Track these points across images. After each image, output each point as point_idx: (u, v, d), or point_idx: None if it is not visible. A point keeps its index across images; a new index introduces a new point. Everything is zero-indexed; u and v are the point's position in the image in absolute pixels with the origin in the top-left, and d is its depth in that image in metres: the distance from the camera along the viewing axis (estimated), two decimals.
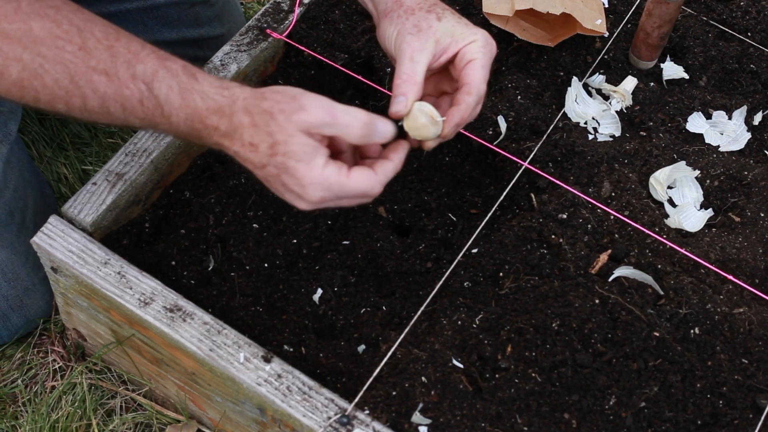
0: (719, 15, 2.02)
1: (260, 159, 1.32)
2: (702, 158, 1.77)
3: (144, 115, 1.34)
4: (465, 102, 1.44)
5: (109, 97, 1.32)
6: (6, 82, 1.28)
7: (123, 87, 1.32)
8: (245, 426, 1.62)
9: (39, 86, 1.29)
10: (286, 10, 1.93)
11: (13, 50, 1.27)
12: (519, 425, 1.46)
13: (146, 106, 1.33)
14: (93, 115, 1.34)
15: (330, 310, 1.62)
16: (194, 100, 1.33)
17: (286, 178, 1.32)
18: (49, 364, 1.90)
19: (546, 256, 1.62)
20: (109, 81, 1.31)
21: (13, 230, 1.81)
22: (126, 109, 1.33)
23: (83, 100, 1.31)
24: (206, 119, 1.33)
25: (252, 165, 1.34)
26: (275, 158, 1.31)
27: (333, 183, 1.32)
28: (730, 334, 1.55)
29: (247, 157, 1.33)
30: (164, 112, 1.33)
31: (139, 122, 1.35)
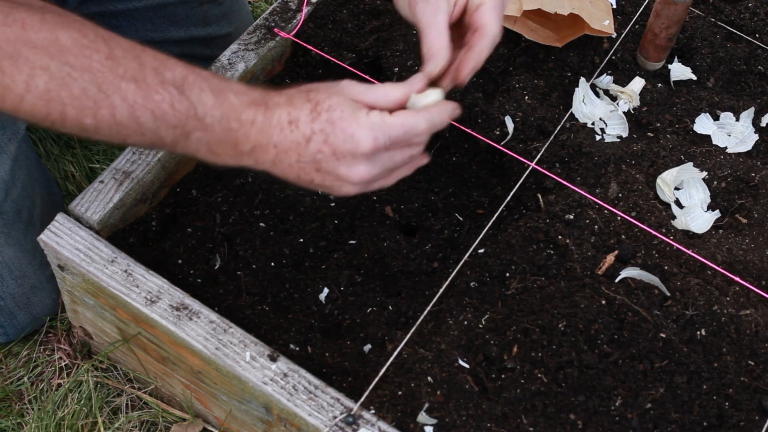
0: (727, 16, 2.01)
1: (302, 132, 1.30)
2: (709, 159, 1.77)
3: (176, 121, 1.29)
4: (479, 46, 1.43)
5: (138, 104, 1.28)
6: (33, 95, 1.25)
7: (152, 92, 1.28)
8: (251, 425, 1.62)
9: (66, 97, 1.26)
10: (294, 9, 1.93)
11: (40, 59, 1.24)
12: (525, 425, 1.46)
13: (178, 109, 1.29)
14: (122, 129, 1.29)
15: (336, 309, 1.62)
16: (228, 97, 1.32)
17: (334, 138, 1.29)
18: (56, 361, 1.90)
19: (552, 257, 1.62)
20: (138, 88, 1.28)
21: (20, 228, 1.81)
22: (157, 116, 1.29)
23: (112, 110, 1.27)
24: (242, 114, 1.31)
25: (295, 151, 1.31)
26: (318, 120, 1.29)
27: (380, 123, 1.30)
28: (737, 335, 1.54)
29: (288, 141, 1.30)
30: (198, 113, 1.30)
31: (172, 132, 1.30)
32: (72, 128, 1.29)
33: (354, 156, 1.30)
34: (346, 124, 1.29)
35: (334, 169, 1.31)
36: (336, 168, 1.31)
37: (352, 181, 1.33)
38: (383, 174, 1.36)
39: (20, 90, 1.24)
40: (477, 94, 1.83)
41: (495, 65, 1.88)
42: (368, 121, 1.30)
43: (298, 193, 1.72)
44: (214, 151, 1.33)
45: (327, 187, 1.34)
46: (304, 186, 1.36)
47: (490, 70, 1.88)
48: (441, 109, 1.39)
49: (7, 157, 1.79)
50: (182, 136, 1.31)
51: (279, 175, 1.34)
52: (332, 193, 1.36)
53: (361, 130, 1.29)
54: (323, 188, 1.35)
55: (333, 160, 1.30)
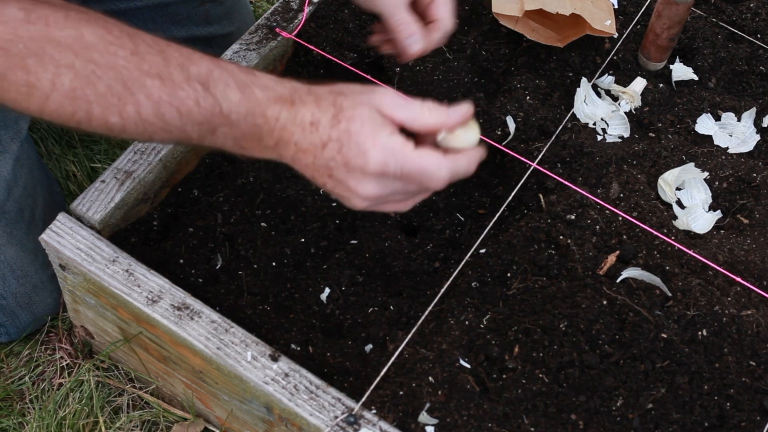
0: (729, 16, 2.01)
1: (321, 136, 1.28)
2: (711, 160, 1.77)
3: (202, 118, 1.28)
4: (432, 38, 1.54)
5: (164, 101, 1.26)
6: (58, 94, 1.23)
7: (178, 89, 1.27)
8: (252, 425, 1.62)
9: (92, 95, 1.24)
10: (296, 9, 1.93)
11: (65, 57, 1.23)
12: (526, 426, 1.46)
13: (203, 106, 1.27)
14: (148, 127, 1.27)
15: (337, 309, 1.62)
16: (254, 93, 1.30)
17: (347, 150, 1.27)
18: (57, 361, 1.90)
19: (554, 257, 1.62)
20: (163, 84, 1.26)
21: (22, 227, 1.81)
22: (182, 113, 1.27)
23: (137, 107, 1.26)
24: (268, 110, 1.29)
25: (312, 153, 1.29)
26: (337, 127, 1.27)
27: (397, 150, 1.26)
28: (738, 336, 1.54)
29: (307, 142, 1.29)
30: (223, 110, 1.28)
31: (197, 128, 1.29)
32: (98, 127, 1.27)
33: (363, 172, 1.27)
34: (363, 139, 1.26)
35: (344, 179, 1.29)
36: (346, 179, 1.29)
37: (361, 196, 1.30)
38: (394, 198, 1.33)
39: (46, 89, 1.23)
40: (478, 94, 1.83)
41: (497, 65, 1.88)
42: (386, 143, 1.27)
43: (300, 192, 1.72)
44: (240, 144, 1.32)
45: (338, 195, 1.32)
46: (321, 188, 1.34)
47: (491, 70, 1.88)
48: (469, 157, 1.35)
49: (10, 156, 1.79)
50: (208, 132, 1.30)
51: (300, 172, 1.32)
52: (343, 202, 1.33)
53: (375, 149, 1.26)
54: (335, 195, 1.33)
55: (344, 170, 1.28)
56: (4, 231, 1.78)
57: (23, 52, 1.21)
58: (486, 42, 1.92)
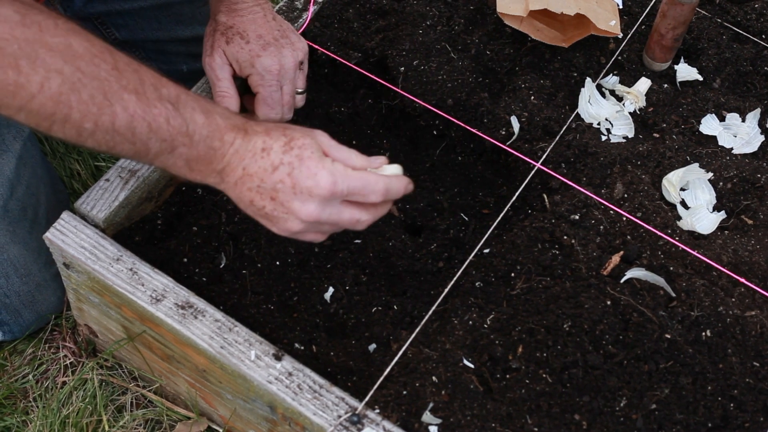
0: (734, 17, 2.01)
1: (272, 160, 1.39)
2: (715, 160, 1.77)
3: (168, 135, 1.35)
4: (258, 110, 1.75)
5: (138, 116, 1.33)
6: (44, 96, 1.27)
7: (151, 106, 1.34)
8: (255, 424, 1.62)
9: (75, 101, 1.29)
10: (300, 9, 1.93)
11: (55, 62, 1.27)
12: (529, 426, 1.46)
13: (172, 125, 1.35)
14: (116, 137, 1.33)
15: (341, 308, 1.62)
16: (215, 118, 1.39)
17: (298, 173, 1.38)
18: (60, 359, 1.91)
19: (558, 257, 1.62)
20: (139, 100, 1.33)
21: (25, 226, 1.82)
22: (152, 129, 1.34)
23: (113, 118, 1.31)
24: (225, 135, 1.39)
25: (259, 177, 1.39)
26: (289, 153, 1.39)
27: (342, 171, 1.40)
28: (742, 336, 1.54)
29: (257, 166, 1.39)
30: (188, 130, 1.37)
31: (159, 145, 1.36)
32: (68, 131, 1.31)
33: (311, 194, 1.39)
34: (313, 164, 1.39)
35: (287, 201, 1.39)
36: (290, 201, 1.39)
37: (300, 217, 1.40)
38: (326, 224, 1.44)
39: (33, 90, 1.26)
40: (483, 94, 1.83)
41: (501, 65, 1.88)
42: (332, 167, 1.40)
43: None
44: (190, 166, 1.40)
45: (272, 218, 1.42)
46: (250, 213, 1.44)
47: (496, 70, 1.88)
48: (398, 180, 1.48)
49: (12, 155, 1.80)
50: (168, 150, 1.37)
51: (233, 197, 1.43)
52: (273, 225, 1.43)
53: (325, 172, 1.39)
54: (268, 218, 1.43)
55: (291, 192, 1.39)
56: (7, 229, 1.79)
57: (17, 52, 1.24)
58: (490, 42, 1.92)
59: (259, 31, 1.73)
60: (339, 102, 1.88)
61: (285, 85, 1.74)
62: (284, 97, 1.75)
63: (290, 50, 1.74)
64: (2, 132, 1.80)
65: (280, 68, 1.73)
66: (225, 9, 1.74)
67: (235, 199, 1.44)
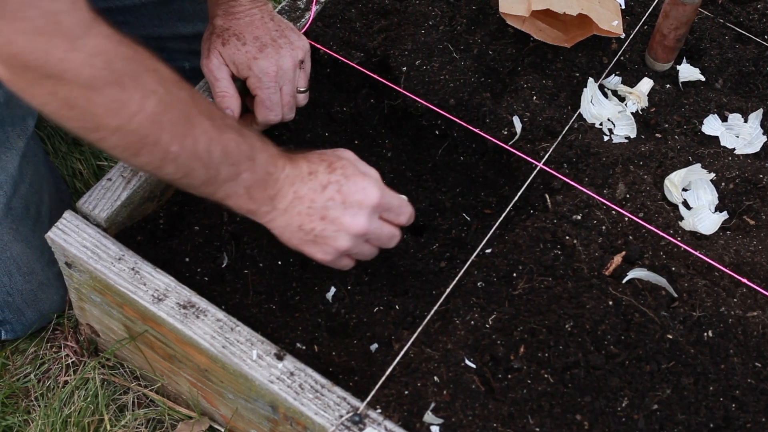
0: (736, 17, 2.01)
1: (320, 181, 1.48)
2: (717, 161, 1.77)
3: (236, 160, 1.43)
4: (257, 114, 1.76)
5: (214, 140, 1.39)
6: (142, 115, 1.31)
7: (223, 131, 1.41)
8: (257, 423, 1.62)
9: (167, 122, 1.33)
10: (303, 8, 1.93)
11: (152, 83, 1.31)
12: (531, 426, 1.46)
13: (240, 149, 1.43)
14: (194, 162, 1.39)
15: (343, 308, 1.62)
16: (268, 145, 1.48)
17: (347, 188, 1.48)
18: (62, 359, 1.91)
19: (560, 257, 1.62)
20: (213, 125, 1.39)
21: (28, 224, 1.82)
22: (225, 153, 1.41)
23: (195, 141, 1.37)
24: (278, 161, 1.47)
25: (309, 198, 1.48)
26: (334, 173, 1.49)
27: (382, 185, 1.52)
28: (744, 337, 1.54)
29: (306, 188, 1.48)
30: (252, 154, 1.44)
31: (228, 170, 1.42)
32: (154, 155, 1.36)
33: (360, 206, 1.49)
34: (359, 179, 1.49)
35: (338, 217, 1.48)
36: (341, 216, 1.48)
37: (351, 231, 1.49)
38: (371, 236, 1.53)
39: (134, 108, 1.30)
40: (485, 94, 1.83)
41: (503, 65, 1.88)
42: (376, 182, 1.52)
43: None
44: (250, 193, 1.47)
45: (321, 239, 1.50)
46: (295, 241, 1.52)
47: (498, 70, 1.88)
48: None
49: (16, 153, 1.80)
50: (234, 175, 1.44)
51: (280, 226, 1.51)
52: (321, 247, 1.51)
53: (372, 185, 1.50)
54: (316, 241, 1.50)
55: (341, 208, 1.48)
56: (10, 228, 1.79)
57: (122, 69, 1.28)
58: (493, 42, 1.92)
59: (255, 32, 1.73)
60: (341, 102, 1.88)
61: (284, 85, 1.74)
62: (284, 98, 1.75)
63: (289, 50, 1.74)
64: (6, 130, 1.80)
65: (278, 69, 1.73)
66: (222, 12, 1.74)
67: (282, 228, 1.50)
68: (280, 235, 1.52)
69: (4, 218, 1.78)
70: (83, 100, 1.28)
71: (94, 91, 1.27)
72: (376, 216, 1.51)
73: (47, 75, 1.25)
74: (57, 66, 1.24)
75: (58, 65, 1.24)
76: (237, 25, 1.73)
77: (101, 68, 1.27)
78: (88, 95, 1.27)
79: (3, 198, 1.78)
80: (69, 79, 1.25)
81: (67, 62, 1.24)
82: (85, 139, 1.36)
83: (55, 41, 1.23)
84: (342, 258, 1.54)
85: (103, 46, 1.27)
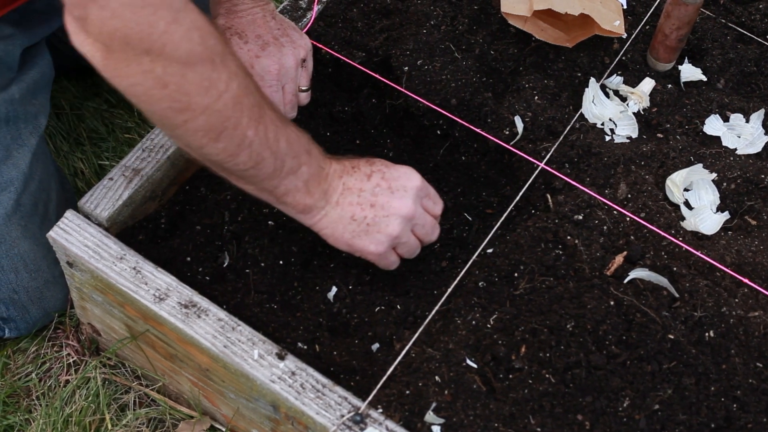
0: (738, 17, 2.01)
1: (363, 172, 1.54)
2: (719, 161, 1.77)
3: (297, 152, 1.46)
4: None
5: (280, 129, 1.43)
6: (228, 95, 1.34)
7: (285, 123, 1.45)
8: (258, 423, 1.62)
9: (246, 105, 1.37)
10: (304, 8, 1.93)
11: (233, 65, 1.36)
12: (532, 426, 1.46)
13: (300, 142, 1.48)
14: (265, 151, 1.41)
15: (344, 308, 1.62)
16: (315, 144, 1.52)
17: (389, 174, 1.54)
18: (64, 358, 1.91)
19: (561, 257, 1.62)
20: (277, 116, 1.43)
21: (36, 221, 1.82)
22: (289, 142, 1.45)
23: (266, 127, 1.40)
24: (326, 158, 1.52)
25: (358, 188, 1.53)
26: (375, 165, 1.55)
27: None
28: (745, 337, 1.54)
29: (353, 179, 1.53)
30: (309, 148, 1.49)
31: (291, 161, 1.45)
32: (236, 138, 1.38)
33: (405, 189, 1.54)
34: (398, 166, 1.56)
35: (387, 201, 1.53)
36: (389, 200, 1.53)
37: (401, 213, 1.53)
38: (417, 223, 1.57)
39: (221, 88, 1.33)
40: (487, 94, 1.83)
41: (505, 65, 1.88)
42: (413, 168, 1.58)
43: None
44: (308, 186, 1.50)
45: (373, 226, 1.53)
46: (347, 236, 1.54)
47: (500, 70, 1.88)
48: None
49: (28, 150, 1.81)
50: (295, 167, 1.47)
51: (331, 221, 1.53)
52: (373, 235, 1.54)
53: (411, 170, 1.57)
54: (368, 230, 1.54)
55: (388, 192, 1.53)
56: (19, 224, 1.79)
57: (214, 47, 1.32)
58: (494, 41, 1.92)
59: (258, 31, 1.73)
60: (343, 101, 1.88)
61: (286, 84, 1.74)
62: (286, 97, 1.75)
63: (291, 48, 1.74)
64: (20, 127, 1.80)
65: (280, 68, 1.73)
66: (224, 11, 1.74)
67: (335, 223, 1.53)
68: (332, 233, 1.54)
69: (14, 215, 1.78)
70: (178, 77, 1.29)
71: (189, 67, 1.29)
72: (419, 201, 1.56)
73: (146, 50, 1.26)
74: (159, 39, 1.25)
75: (159, 38, 1.25)
76: (239, 24, 1.73)
77: (198, 43, 1.29)
78: (183, 71, 1.29)
79: (13, 194, 1.78)
80: (167, 54, 1.27)
81: (168, 35, 1.26)
82: (167, 125, 1.37)
83: (161, 12, 1.25)
84: (391, 253, 1.58)
85: (199, 21, 1.30)
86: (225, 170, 1.45)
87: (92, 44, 1.28)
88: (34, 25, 1.81)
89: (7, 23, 1.75)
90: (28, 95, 1.83)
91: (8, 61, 1.78)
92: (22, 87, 1.81)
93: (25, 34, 1.80)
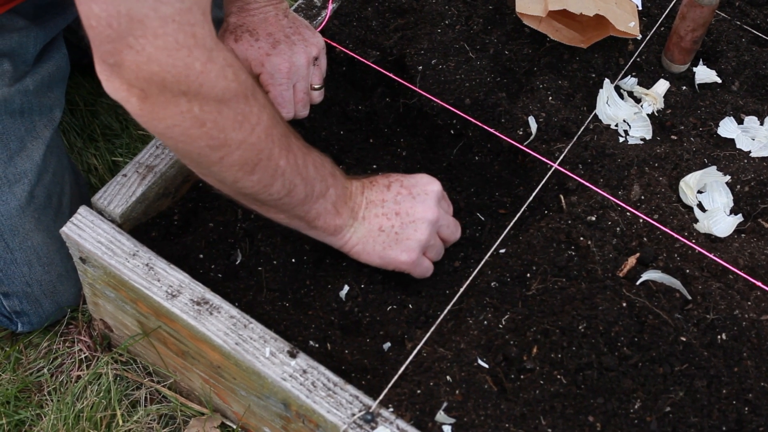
0: (753, 20, 2.01)
1: (382, 184, 1.59)
2: (733, 163, 1.76)
3: (323, 176, 1.50)
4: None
5: (306, 156, 1.47)
6: (260, 128, 1.37)
7: (308, 150, 1.49)
8: (269, 420, 1.62)
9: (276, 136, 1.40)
10: (319, 6, 1.93)
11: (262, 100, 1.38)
12: (543, 426, 1.46)
13: (325, 166, 1.51)
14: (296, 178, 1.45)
15: (356, 306, 1.63)
16: (337, 166, 1.56)
17: (408, 183, 1.59)
18: (76, 353, 1.91)
19: (574, 258, 1.62)
20: (301, 144, 1.48)
21: (50, 214, 1.82)
22: (316, 167, 1.49)
23: (294, 156, 1.44)
24: (347, 178, 1.56)
25: (381, 198, 1.57)
26: (390, 176, 1.60)
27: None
28: (758, 340, 1.54)
29: (375, 192, 1.58)
30: (333, 171, 1.53)
31: (319, 185, 1.49)
32: (269, 169, 1.41)
33: (426, 194, 1.58)
34: (414, 174, 1.61)
35: (411, 207, 1.57)
36: (413, 206, 1.57)
37: (426, 217, 1.57)
38: (442, 224, 1.61)
39: (254, 121, 1.36)
40: (501, 94, 1.83)
41: (519, 65, 1.88)
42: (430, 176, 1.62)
43: None
44: (337, 207, 1.54)
45: (402, 234, 1.57)
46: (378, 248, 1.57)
47: (514, 71, 1.88)
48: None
49: (42, 142, 1.81)
50: (324, 191, 1.51)
51: (363, 236, 1.57)
52: (404, 243, 1.57)
53: (427, 176, 1.61)
54: (398, 239, 1.57)
55: (410, 198, 1.57)
56: (33, 216, 1.79)
57: (246, 81, 1.34)
58: (509, 42, 1.92)
59: (269, 29, 1.73)
60: (356, 100, 1.88)
61: (297, 82, 1.74)
62: (297, 95, 1.75)
63: (302, 47, 1.74)
64: (34, 119, 1.81)
65: (291, 66, 1.73)
66: (236, 10, 1.74)
67: (365, 238, 1.57)
68: (363, 248, 1.58)
69: (27, 206, 1.79)
70: (215, 114, 1.31)
71: (224, 104, 1.31)
72: (439, 204, 1.59)
73: (184, 91, 1.27)
74: (196, 80, 1.27)
75: (197, 79, 1.27)
76: (251, 22, 1.73)
77: (232, 80, 1.31)
78: (219, 108, 1.31)
79: (27, 186, 1.78)
80: (204, 93, 1.28)
81: (205, 74, 1.27)
82: (203, 163, 1.39)
83: (196, 53, 1.26)
84: (423, 259, 1.61)
85: (230, 58, 1.32)
86: (258, 201, 1.46)
87: (128, 90, 1.28)
88: (47, 18, 1.81)
89: (19, 15, 1.75)
90: (43, 88, 1.84)
91: (22, 54, 1.78)
92: (36, 79, 1.82)
93: (39, 28, 1.80)
